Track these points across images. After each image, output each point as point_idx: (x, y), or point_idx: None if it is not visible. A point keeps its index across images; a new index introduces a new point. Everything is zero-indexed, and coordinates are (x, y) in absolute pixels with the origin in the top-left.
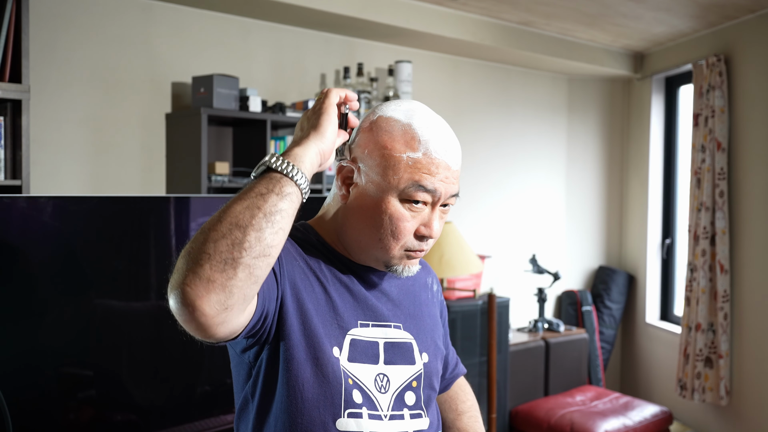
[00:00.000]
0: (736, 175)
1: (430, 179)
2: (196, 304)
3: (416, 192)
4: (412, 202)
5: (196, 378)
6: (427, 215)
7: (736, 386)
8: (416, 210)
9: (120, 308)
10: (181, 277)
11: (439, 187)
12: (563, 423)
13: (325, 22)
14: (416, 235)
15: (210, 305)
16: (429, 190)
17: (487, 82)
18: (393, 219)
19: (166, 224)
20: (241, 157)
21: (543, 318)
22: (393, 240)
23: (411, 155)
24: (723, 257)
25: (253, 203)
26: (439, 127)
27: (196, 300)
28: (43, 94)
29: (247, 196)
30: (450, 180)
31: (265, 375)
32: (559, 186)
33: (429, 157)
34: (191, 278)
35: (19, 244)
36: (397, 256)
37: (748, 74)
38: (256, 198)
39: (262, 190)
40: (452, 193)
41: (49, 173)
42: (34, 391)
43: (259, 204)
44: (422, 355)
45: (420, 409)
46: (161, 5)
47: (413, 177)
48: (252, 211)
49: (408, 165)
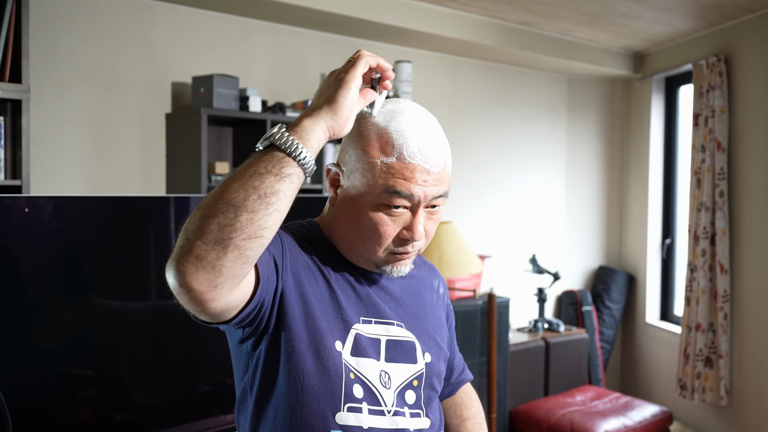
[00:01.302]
0: (736, 175)
1: (405, 184)
2: (185, 280)
3: (391, 198)
4: (392, 207)
5: (196, 378)
6: (410, 219)
7: (736, 386)
8: (396, 214)
9: (120, 308)
10: (175, 252)
11: (416, 192)
12: (563, 423)
13: (325, 22)
14: (400, 239)
15: (199, 282)
16: (404, 196)
17: (487, 82)
18: (372, 224)
19: (166, 224)
20: (241, 157)
21: (543, 318)
22: (375, 244)
23: (385, 160)
24: (723, 257)
25: (248, 183)
26: (418, 128)
27: (186, 276)
28: (43, 94)
29: (245, 174)
30: (430, 183)
31: (264, 366)
32: (559, 186)
33: (403, 161)
34: (183, 254)
35: (19, 244)
36: (383, 258)
37: (748, 74)
38: (253, 178)
39: (260, 169)
40: (435, 195)
41: (49, 173)
42: (34, 391)
43: (255, 184)
44: (425, 355)
45: (419, 408)
46: (161, 5)
47: (387, 183)
48: (247, 192)
49: (382, 170)
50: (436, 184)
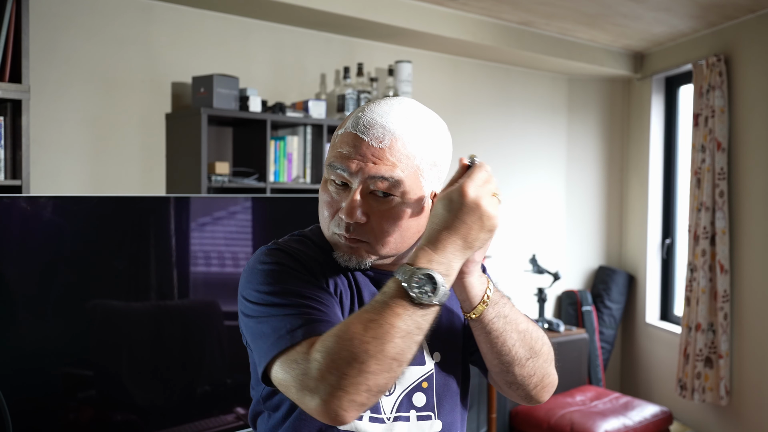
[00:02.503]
0: (736, 175)
1: (341, 157)
2: (340, 418)
3: (330, 170)
4: (335, 183)
5: (196, 378)
6: (347, 197)
7: (736, 386)
8: (339, 191)
9: (120, 308)
10: (332, 394)
11: (350, 166)
12: (563, 423)
13: (325, 22)
14: (339, 218)
15: (354, 415)
16: (337, 169)
17: (487, 82)
18: (321, 199)
19: (166, 224)
20: (241, 157)
21: (543, 318)
22: (322, 219)
23: (338, 132)
24: (723, 257)
25: (414, 339)
26: (382, 107)
27: (344, 415)
28: (43, 94)
29: (409, 330)
30: (369, 158)
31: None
32: (559, 186)
33: (347, 133)
34: (345, 402)
35: (19, 244)
36: (333, 240)
37: (748, 74)
38: (417, 334)
39: (423, 325)
40: (374, 174)
41: (49, 173)
42: (34, 391)
43: (417, 339)
44: (434, 354)
45: (431, 411)
46: (161, 5)
47: (330, 155)
48: (411, 349)
49: (334, 143)
50: (377, 162)
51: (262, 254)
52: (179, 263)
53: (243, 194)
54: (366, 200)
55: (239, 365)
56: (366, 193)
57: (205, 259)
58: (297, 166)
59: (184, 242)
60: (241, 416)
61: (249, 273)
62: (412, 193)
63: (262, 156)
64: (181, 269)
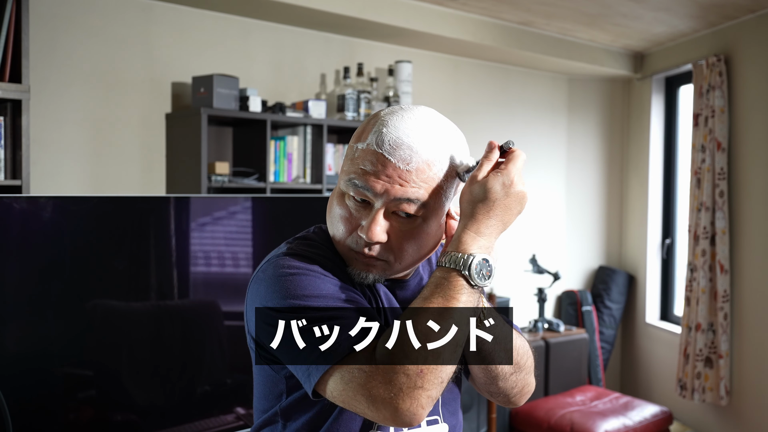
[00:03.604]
0: (736, 175)
1: (363, 174)
2: (418, 417)
3: (349, 186)
4: (354, 199)
5: (196, 378)
6: (368, 215)
7: (736, 386)
8: (358, 207)
9: (120, 308)
10: (409, 395)
11: (375, 186)
12: (563, 423)
13: (325, 22)
14: (358, 235)
15: (428, 412)
16: (361, 187)
17: (487, 82)
18: (335, 211)
19: (166, 224)
20: (241, 157)
21: (543, 318)
22: (336, 232)
23: (358, 146)
24: (723, 257)
25: (469, 323)
26: (403, 122)
27: (422, 414)
28: (43, 94)
29: (470, 311)
30: (395, 180)
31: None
32: (559, 186)
33: (370, 149)
34: (424, 399)
35: (19, 244)
36: (346, 254)
37: (748, 74)
38: (473, 315)
39: (477, 306)
40: (399, 196)
41: (49, 173)
42: (34, 391)
43: (473, 322)
44: None
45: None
46: (161, 5)
47: (350, 170)
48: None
49: (353, 156)
50: (403, 184)
51: (280, 262)
52: (179, 263)
53: (243, 194)
54: (388, 220)
55: (239, 365)
56: (389, 213)
57: (205, 259)
58: (297, 166)
59: (184, 242)
60: (241, 416)
61: (271, 283)
62: (434, 212)
63: (262, 156)
64: (181, 269)
